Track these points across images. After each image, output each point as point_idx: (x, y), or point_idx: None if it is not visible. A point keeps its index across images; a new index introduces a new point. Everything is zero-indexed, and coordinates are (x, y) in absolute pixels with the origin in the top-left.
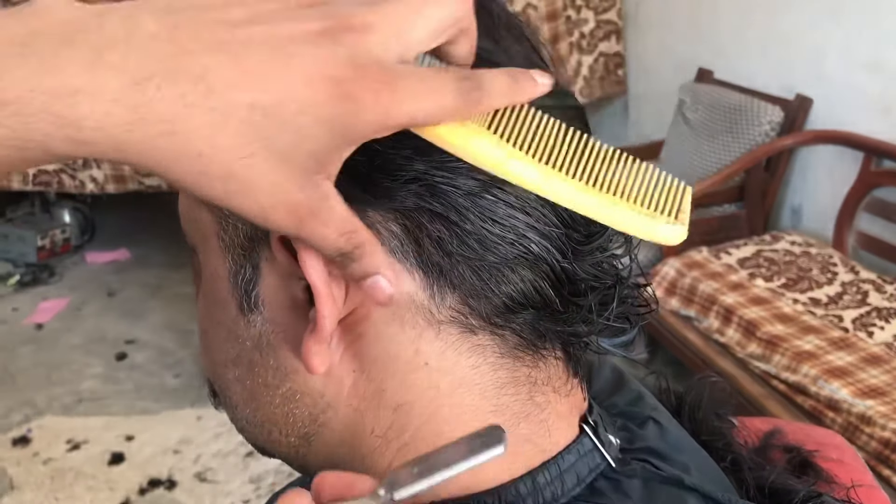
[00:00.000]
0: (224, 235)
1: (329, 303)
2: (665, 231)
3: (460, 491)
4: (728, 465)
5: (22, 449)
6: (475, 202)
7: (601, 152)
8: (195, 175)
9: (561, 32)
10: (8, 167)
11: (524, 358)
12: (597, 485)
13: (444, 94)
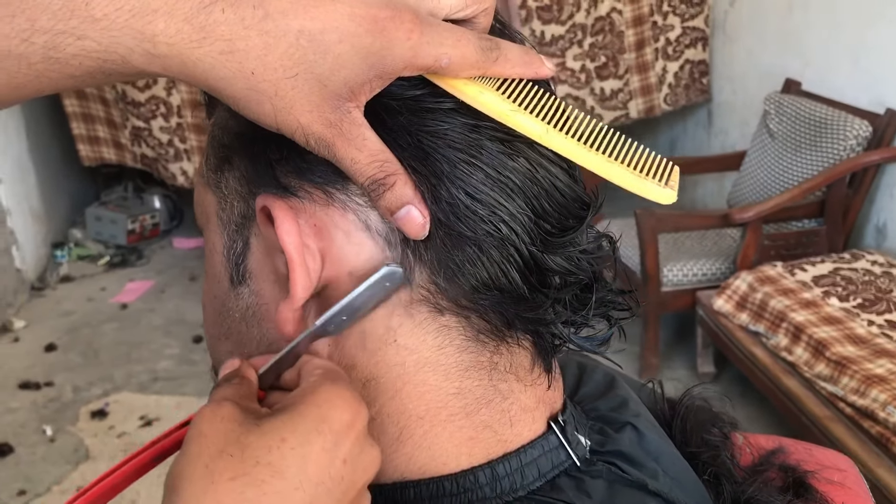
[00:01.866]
0: (222, 214)
1: (301, 271)
2: (654, 189)
3: (419, 474)
4: (708, 478)
5: (99, 422)
6: (454, 171)
7: (599, 128)
8: (247, 91)
9: (647, 38)
10: (90, 79)
11: (489, 343)
12: (558, 481)
13: (468, 46)
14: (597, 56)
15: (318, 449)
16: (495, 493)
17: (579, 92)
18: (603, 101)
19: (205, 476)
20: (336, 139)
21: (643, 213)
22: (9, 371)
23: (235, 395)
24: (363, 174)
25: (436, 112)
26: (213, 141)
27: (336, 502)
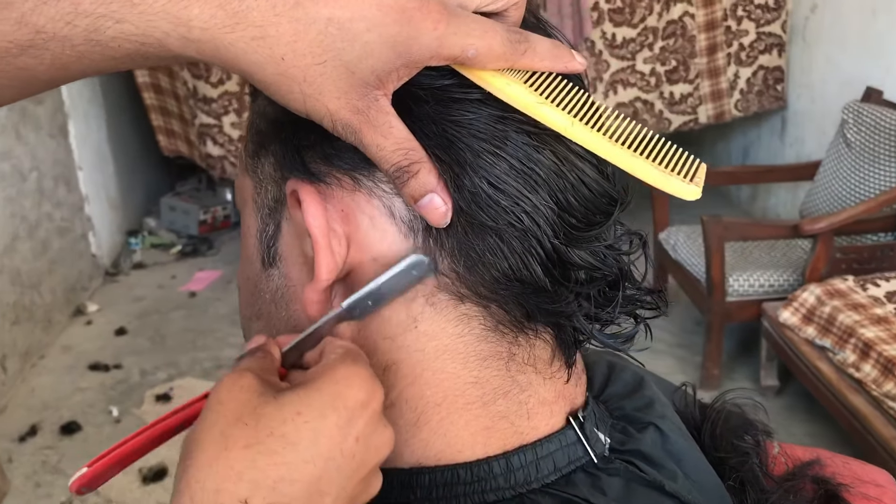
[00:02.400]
0: (257, 198)
1: (326, 253)
2: (679, 185)
3: (435, 460)
4: (734, 484)
5: (163, 405)
6: (477, 161)
7: (626, 124)
8: (277, 76)
9: (719, 42)
10: (130, 61)
11: (508, 334)
12: (574, 477)
13: (495, 37)
14: (667, 60)
15: (332, 425)
16: (509, 484)
17: (648, 95)
18: (672, 106)
19: (219, 442)
20: (363, 126)
21: (710, 220)
22: (80, 352)
23: (257, 367)
24: (388, 161)
25: (462, 102)
26: (251, 128)
27: (346, 479)
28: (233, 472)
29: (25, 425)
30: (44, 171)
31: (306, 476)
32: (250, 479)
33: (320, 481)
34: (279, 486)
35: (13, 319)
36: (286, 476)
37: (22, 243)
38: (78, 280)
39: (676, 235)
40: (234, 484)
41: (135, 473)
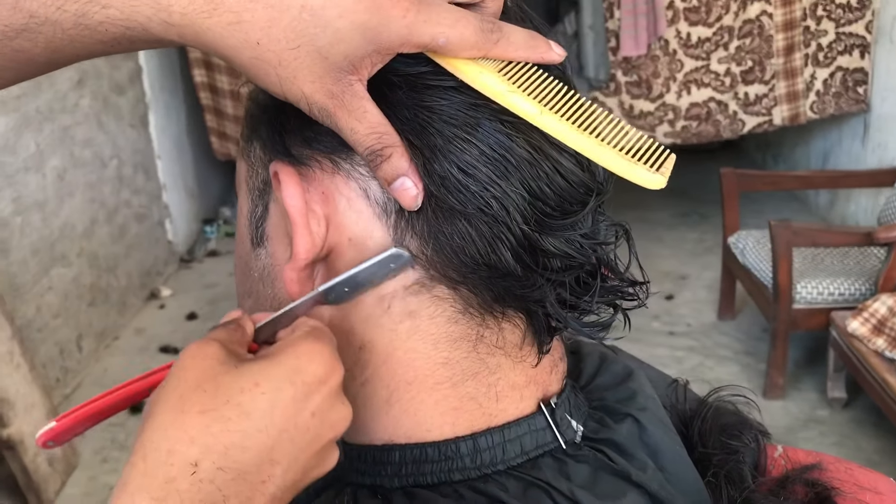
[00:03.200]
0: (249, 180)
1: (304, 232)
2: (643, 174)
3: (404, 438)
4: (713, 480)
5: None
6: (447, 146)
7: (598, 113)
8: (253, 60)
9: (797, 43)
10: (118, 46)
11: (477, 317)
12: (540, 461)
13: (467, 26)
14: (743, 60)
15: (288, 397)
16: (475, 465)
17: (722, 96)
18: (746, 107)
19: (176, 406)
20: (337, 109)
21: (778, 225)
22: (153, 335)
23: (225, 338)
24: (362, 144)
25: (436, 89)
26: (246, 113)
27: (299, 451)
28: (186, 435)
29: None
30: (124, 159)
31: (258, 445)
32: (202, 444)
33: (272, 451)
34: (230, 452)
35: (90, 301)
36: (238, 443)
37: (100, 228)
38: (153, 265)
39: (746, 240)
40: (186, 446)
41: None
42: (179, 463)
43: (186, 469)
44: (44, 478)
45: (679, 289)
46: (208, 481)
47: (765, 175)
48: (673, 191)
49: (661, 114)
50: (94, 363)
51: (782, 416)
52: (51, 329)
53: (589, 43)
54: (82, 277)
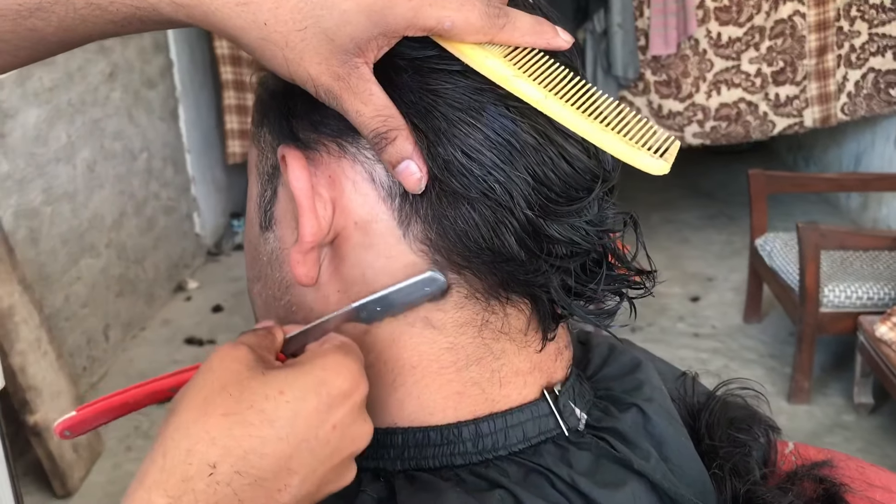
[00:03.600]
0: (259, 164)
1: (310, 215)
2: (646, 160)
3: (408, 422)
4: (719, 472)
5: None
6: (451, 130)
7: (603, 100)
8: (260, 41)
9: (829, 44)
10: (129, 26)
11: (482, 301)
12: (542, 448)
13: (473, 11)
14: (774, 60)
15: (311, 408)
16: (477, 449)
17: (753, 97)
18: (777, 108)
19: (201, 406)
20: (343, 92)
21: (806, 227)
22: (178, 326)
23: (254, 343)
24: (367, 127)
25: (441, 73)
26: (256, 99)
27: (318, 463)
28: (207, 435)
29: None
30: (153, 152)
31: (278, 452)
32: (223, 446)
33: (291, 460)
34: (249, 457)
35: (117, 291)
36: (258, 449)
37: (129, 220)
38: (181, 258)
39: (773, 242)
40: (206, 447)
41: None
42: (198, 463)
43: (204, 469)
44: (69, 464)
45: (705, 291)
46: (225, 484)
47: (794, 177)
48: (701, 192)
49: (690, 114)
50: (121, 353)
51: (807, 421)
52: (79, 318)
53: (618, 41)
54: (110, 268)
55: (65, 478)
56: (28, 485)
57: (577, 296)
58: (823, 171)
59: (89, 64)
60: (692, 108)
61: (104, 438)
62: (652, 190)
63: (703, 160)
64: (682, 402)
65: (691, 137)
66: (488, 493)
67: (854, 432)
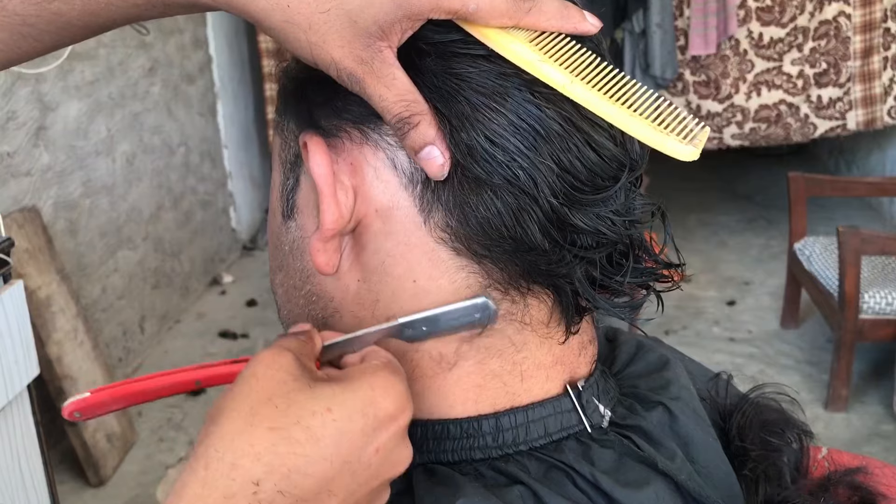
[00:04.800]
0: (282, 153)
1: (330, 202)
2: (675, 145)
3: (427, 414)
4: (750, 475)
5: None
6: (475, 115)
7: (631, 85)
8: (283, 24)
9: (875, 45)
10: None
11: (503, 292)
12: (564, 444)
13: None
14: (817, 62)
15: (358, 430)
16: (497, 444)
17: (794, 99)
18: (819, 110)
19: (246, 417)
20: (366, 76)
21: (846, 231)
22: (212, 320)
23: (297, 349)
24: (390, 112)
25: (465, 57)
26: (280, 89)
27: (357, 486)
28: (252, 450)
29: None
30: (191, 147)
31: (320, 473)
32: (267, 463)
33: (332, 482)
34: (292, 477)
35: (154, 284)
36: (302, 468)
37: (166, 213)
38: (216, 252)
39: (813, 246)
40: (250, 462)
41: None
42: (241, 479)
43: (247, 487)
44: (102, 454)
45: (742, 295)
46: (267, 503)
47: (834, 180)
48: (739, 195)
49: (730, 115)
50: (156, 345)
51: (844, 429)
52: (115, 310)
53: (656, 41)
54: (147, 261)
55: (98, 467)
56: (62, 473)
57: (602, 288)
58: (866, 176)
59: (130, 59)
60: (731, 109)
61: (137, 429)
62: (689, 191)
63: (742, 162)
64: (712, 403)
65: (730, 139)
66: (507, 488)
67: (893, 441)
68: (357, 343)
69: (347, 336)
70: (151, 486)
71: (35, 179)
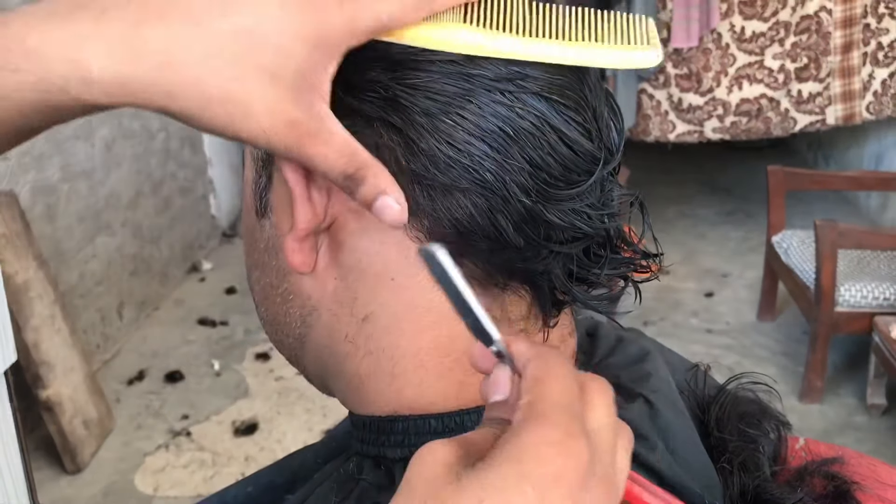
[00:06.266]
0: (254, 150)
1: (303, 201)
2: (640, 57)
3: (408, 409)
4: (727, 466)
5: (262, 363)
6: (433, 123)
7: (570, 15)
8: (196, 101)
9: (855, 41)
10: (40, 116)
11: (479, 289)
12: None
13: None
14: (798, 56)
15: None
16: None
17: (775, 93)
18: (799, 105)
19: None
20: (301, 138)
21: (824, 225)
22: (191, 307)
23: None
24: (333, 170)
25: (418, 64)
26: None
27: None
28: None
29: (134, 370)
30: (171, 133)
31: None
32: None
33: None
34: None
35: (132, 270)
36: None
37: (145, 199)
38: (196, 238)
39: (790, 239)
40: None
41: (228, 425)
42: None
43: None
44: (80, 440)
45: (720, 287)
46: None
47: (812, 174)
48: (718, 188)
49: (711, 108)
50: (134, 331)
51: (818, 420)
52: (93, 296)
53: None
54: (126, 247)
55: (75, 453)
56: (38, 459)
57: (580, 281)
58: (844, 170)
59: None
60: (712, 102)
61: (115, 416)
62: (669, 184)
63: (722, 156)
64: (691, 395)
65: (711, 132)
66: None
67: (866, 433)
68: None
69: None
70: (129, 473)
71: (12, 164)
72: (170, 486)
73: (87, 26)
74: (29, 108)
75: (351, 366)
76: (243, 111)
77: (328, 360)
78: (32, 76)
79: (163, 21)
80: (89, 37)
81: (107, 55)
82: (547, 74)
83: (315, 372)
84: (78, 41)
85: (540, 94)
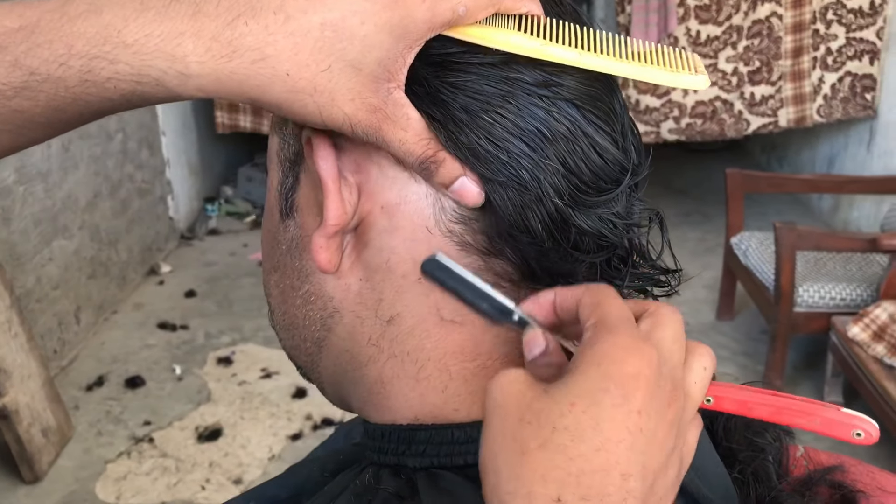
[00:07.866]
0: (281, 152)
1: (334, 197)
2: (688, 79)
3: (431, 417)
4: (741, 477)
5: (224, 368)
6: (473, 119)
7: (619, 40)
8: (286, 94)
9: (805, 45)
10: (127, 103)
11: (510, 291)
12: None
13: None
14: (751, 60)
15: (608, 407)
16: None
17: (729, 95)
18: (752, 107)
19: (514, 448)
20: (382, 123)
21: (783, 227)
22: (151, 311)
23: None
24: (413, 154)
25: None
26: None
27: (643, 455)
28: (536, 474)
29: (93, 376)
30: (129, 134)
31: (602, 464)
32: (555, 479)
33: (619, 465)
34: (583, 480)
35: (90, 273)
36: (585, 468)
37: (103, 201)
38: (154, 241)
39: (749, 241)
40: (542, 486)
41: (191, 431)
42: (542, 501)
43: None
44: (38, 448)
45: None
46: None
47: (770, 177)
48: (675, 189)
49: (667, 110)
50: (92, 336)
51: None
52: (50, 300)
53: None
54: (83, 250)
55: (33, 462)
56: None
57: None
58: (796, 172)
59: None
60: (669, 104)
61: (74, 423)
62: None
63: (678, 157)
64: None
65: (667, 133)
66: None
67: None
68: None
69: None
70: (90, 482)
71: None
72: (132, 494)
73: (183, 22)
74: (119, 96)
75: (373, 370)
76: (328, 100)
77: (348, 365)
78: (130, 68)
79: (255, 17)
80: (186, 33)
81: (205, 51)
82: (580, 84)
83: (332, 379)
84: (176, 38)
85: (573, 102)
